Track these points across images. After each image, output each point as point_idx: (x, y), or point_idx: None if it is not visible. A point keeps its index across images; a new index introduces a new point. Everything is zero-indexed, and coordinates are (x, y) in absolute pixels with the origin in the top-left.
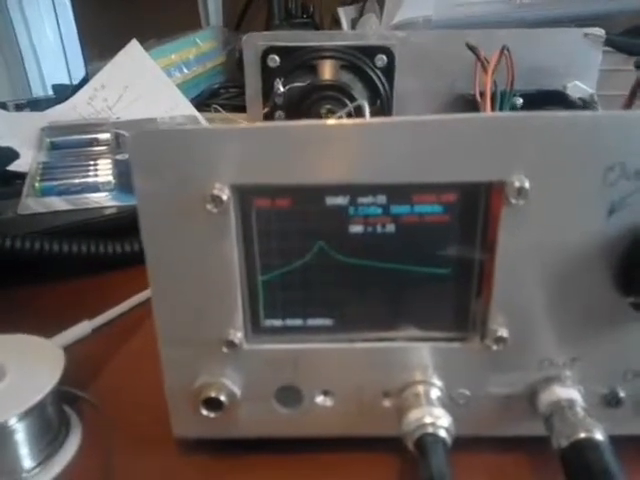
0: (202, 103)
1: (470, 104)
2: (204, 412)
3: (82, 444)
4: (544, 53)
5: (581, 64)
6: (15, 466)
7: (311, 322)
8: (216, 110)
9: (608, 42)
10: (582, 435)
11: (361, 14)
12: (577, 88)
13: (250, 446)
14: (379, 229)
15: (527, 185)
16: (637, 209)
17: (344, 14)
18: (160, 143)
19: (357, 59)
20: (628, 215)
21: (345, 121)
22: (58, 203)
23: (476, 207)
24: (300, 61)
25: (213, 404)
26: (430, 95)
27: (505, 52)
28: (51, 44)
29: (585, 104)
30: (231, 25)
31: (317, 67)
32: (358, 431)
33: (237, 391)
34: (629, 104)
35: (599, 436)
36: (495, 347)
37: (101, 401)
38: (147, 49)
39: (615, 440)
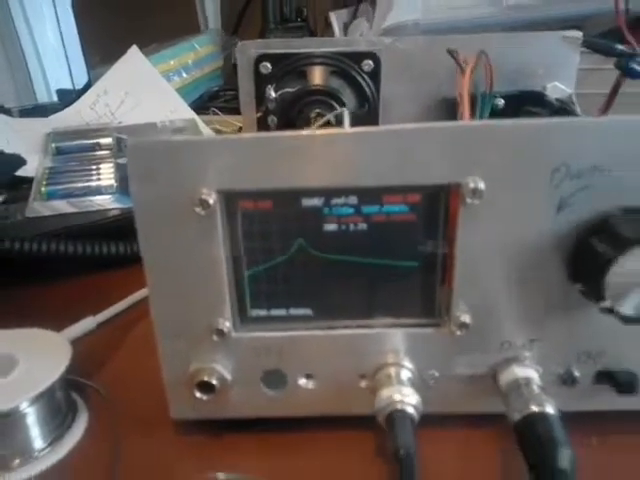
0: (201, 106)
1: (453, 107)
2: (198, 395)
3: (88, 427)
4: (525, 56)
5: (560, 65)
6: (27, 446)
7: (293, 312)
8: (214, 113)
9: (585, 44)
10: (534, 409)
11: (354, 17)
12: (556, 89)
13: (241, 426)
14: (351, 227)
15: (481, 186)
16: (581, 207)
17: (336, 18)
18: (154, 153)
19: (345, 65)
20: (573, 212)
21: (318, 132)
22: (63, 206)
23: (438, 207)
24: (291, 67)
25: (206, 387)
26: (416, 98)
27: (482, 56)
28: (54, 50)
29: (562, 104)
30: (229, 28)
31: (307, 73)
32: (337, 411)
33: (227, 375)
34: (609, 102)
35: (549, 410)
36: (459, 332)
37: (105, 388)
38: (147, 54)
39: (571, 415)
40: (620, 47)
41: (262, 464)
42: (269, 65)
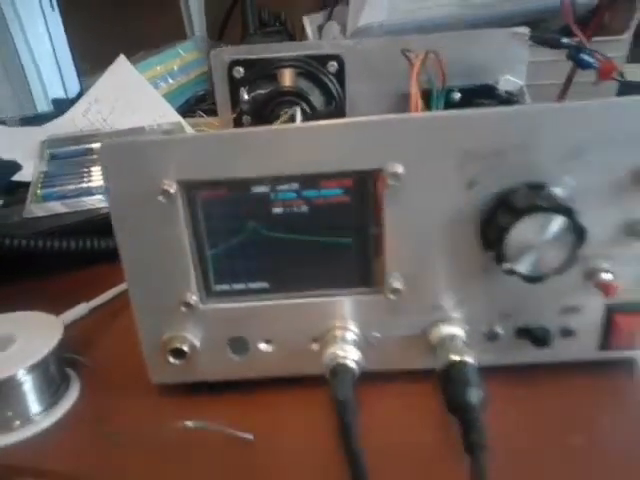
0: (188, 110)
1: None
2: (171, 360)
3: (80, 395)
4: (479, 52)
5: (511, 60)
6: (25, 410)
7: (252, 285)
8: (200, 116)
9: (532, 39)
10: (454, 358)
11: (329, 18)
12: (508, 81)
13: (212, 388)
14: (295, 209)
15: (400, 170)
16: (488, 184)
17: (309, 22)
18: (122, 151)
19: (311, 67)
20: (482, 189)
21: (261, 128)
22: (57, 207)
23: (367, 189)
24: (262, 71)
25: (178, 354)
26: (379, 95)
27: (430, 55)
28: (48, 61)
29: (510, 96)
30: (214, 34)
31: (278, 75)
32: (293, 371)
33: (197, 343)
34: (564, 91)
35: (467, 359)
36: (393, 297)
37: (96, 363)
38: (135, 62)
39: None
40: (566, 40)
41: (230, 417)
42: (241, 69)
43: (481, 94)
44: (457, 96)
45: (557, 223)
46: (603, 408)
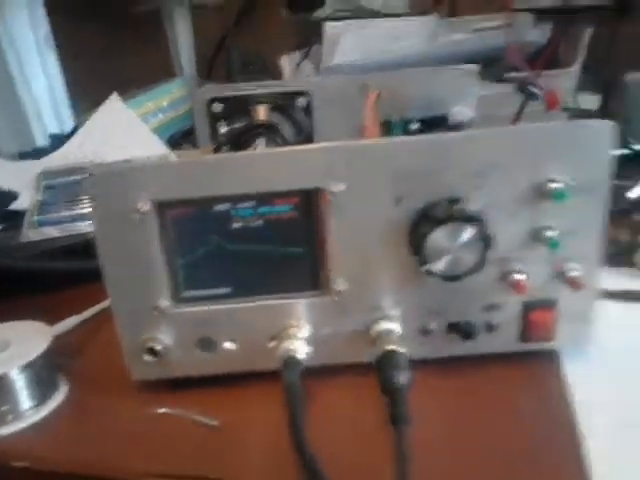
0: (175, 142)
1: None
2: (146, 358)
3: (68, 393)
4: (435, 87)
5: (463, 94)
6: (17, 405)
7: (217, 291)
8: (186, 148)
9: (481, 75)
10: (387, 348)
11: (306, 58)
12: (460, 113)
13: (185, 383)
14: (252, 224)
15: (340, 189)
16: (411, 200)
17: (287, 61)
18: (103, 179)
19: (282, 102)
20: (407, 204)
21: (221, 156)
22: (52, 232)
23: (312, 205)
24: (238, 106)
25: (153, 352)
26: (343, 127)
27: (385, 91)
28: (45, 99)
29: (461, 125)
30: (203, 73)
31: (252, 110)
32: (255, 367)
33: (169, 342)
34: (516, 120)
35: (398, 349)
36: (338, 298)
37: (83, 367)
38: (127, 98)
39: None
40: (510, 75)
41: (199, 407)
42: (220, 105)
43: (436, 124)
44: (415, 126)
45: (467, 231)
46: (522, 393)
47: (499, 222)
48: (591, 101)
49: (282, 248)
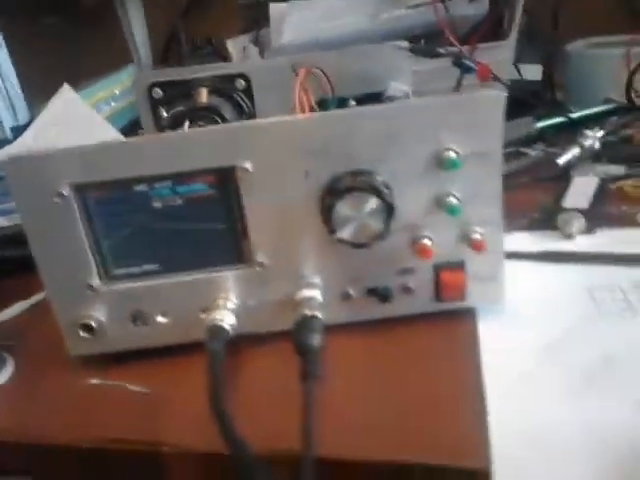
0: (131, 130)
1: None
2: (82, 334)
3: (14, 371)
4: (370, 64)
5: (397, 70)
6: None
7: (145, 267)
8: (141, 134)
9: (412, 50)
10: (304, 313)
11: (256, 40)
12: (396, 88)
13: (125, 357)
14: (172, 203)
15: (250, 166)
16: (318, 174)
17: (232, 45)
18: (23, 163)
19: (222, 85)
20: (315, 178)
21: (135, 139)
22: (1, 221)
23: (228, 183)
24: (179, 91)
25: (88, 329)
26: (283, 107)
27: (315, 70)
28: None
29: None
30: (158, 59)
31: (193, 94)
32: (187, 338)
33: (103, 319)
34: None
35: (313, 313)
36: (261, 270)
37: (28, 348)
38: (80, 89)
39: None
40: (442, 50)
41: (134, 378)
42: (160, 91)
43: (372, 100)
44: (352, 104)
45: (370, 201)
46: (439, 351)
47: (403, 191)
48: (534, 72)
49: (204, 225)
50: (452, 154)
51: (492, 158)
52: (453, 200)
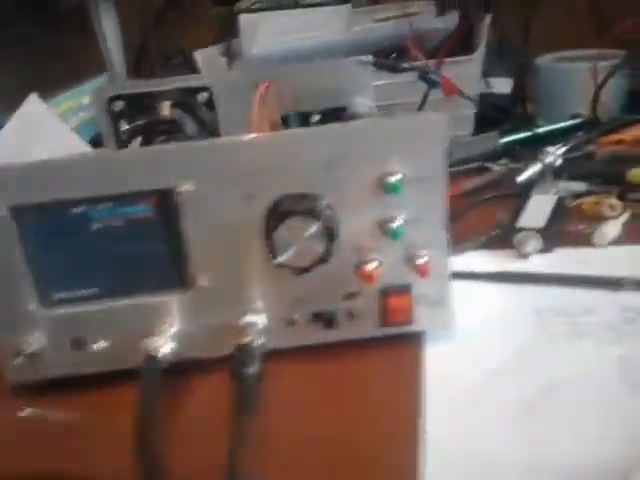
0: (99, 141)
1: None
2: (20, 361)
3: None
4: (333, 79)
5: (360, 84)
6: None
7: (85, 292)
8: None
9: (375, 65)
10: (242, 341)
11: (228, 51)
12: (360, 103)
13: (61, 384)
14: (112, 225)
15: (190, 188)
16: (260, 197)
17: (200, 57)
18: None
19: (184, 98)
20: (257, 201)
21: (73, 157)
22: None
23: (169, 205)
24: (140, 104)
25: (25, 355)
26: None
27: (277, 84)
28: None
29: (360, 116)
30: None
31: (155, 107)
32: (128, 365)
33: (42, 344)
34: (420, 108)
35: (250, 340)
36: (202, 294)
37: None
38: (49, 99)
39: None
40: (405, 64)
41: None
42: (121, 103)
43: (335, 115)
44: (316, 119)
45: (311, 225)
46: (381, 378)
47: (347, 215)
48: (504, 85)
49: (145, 248)
50: (393, 178)
51: (435, 182)
52: (395, 224)
